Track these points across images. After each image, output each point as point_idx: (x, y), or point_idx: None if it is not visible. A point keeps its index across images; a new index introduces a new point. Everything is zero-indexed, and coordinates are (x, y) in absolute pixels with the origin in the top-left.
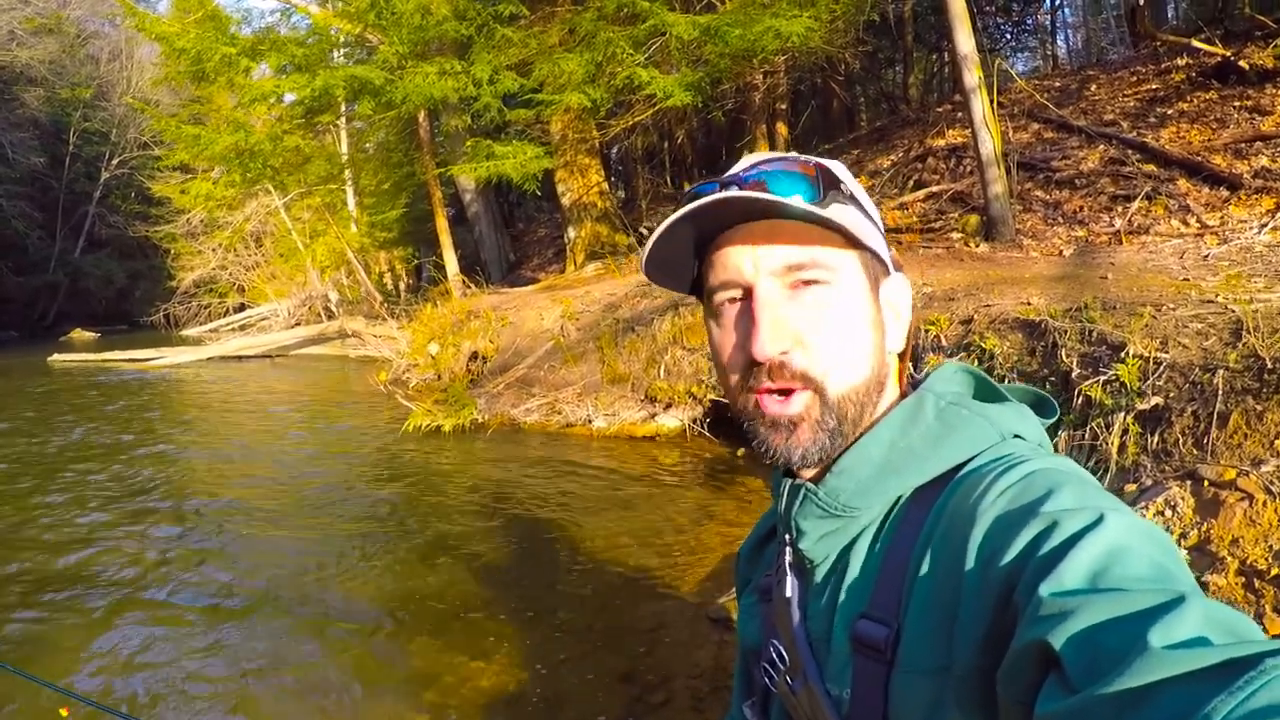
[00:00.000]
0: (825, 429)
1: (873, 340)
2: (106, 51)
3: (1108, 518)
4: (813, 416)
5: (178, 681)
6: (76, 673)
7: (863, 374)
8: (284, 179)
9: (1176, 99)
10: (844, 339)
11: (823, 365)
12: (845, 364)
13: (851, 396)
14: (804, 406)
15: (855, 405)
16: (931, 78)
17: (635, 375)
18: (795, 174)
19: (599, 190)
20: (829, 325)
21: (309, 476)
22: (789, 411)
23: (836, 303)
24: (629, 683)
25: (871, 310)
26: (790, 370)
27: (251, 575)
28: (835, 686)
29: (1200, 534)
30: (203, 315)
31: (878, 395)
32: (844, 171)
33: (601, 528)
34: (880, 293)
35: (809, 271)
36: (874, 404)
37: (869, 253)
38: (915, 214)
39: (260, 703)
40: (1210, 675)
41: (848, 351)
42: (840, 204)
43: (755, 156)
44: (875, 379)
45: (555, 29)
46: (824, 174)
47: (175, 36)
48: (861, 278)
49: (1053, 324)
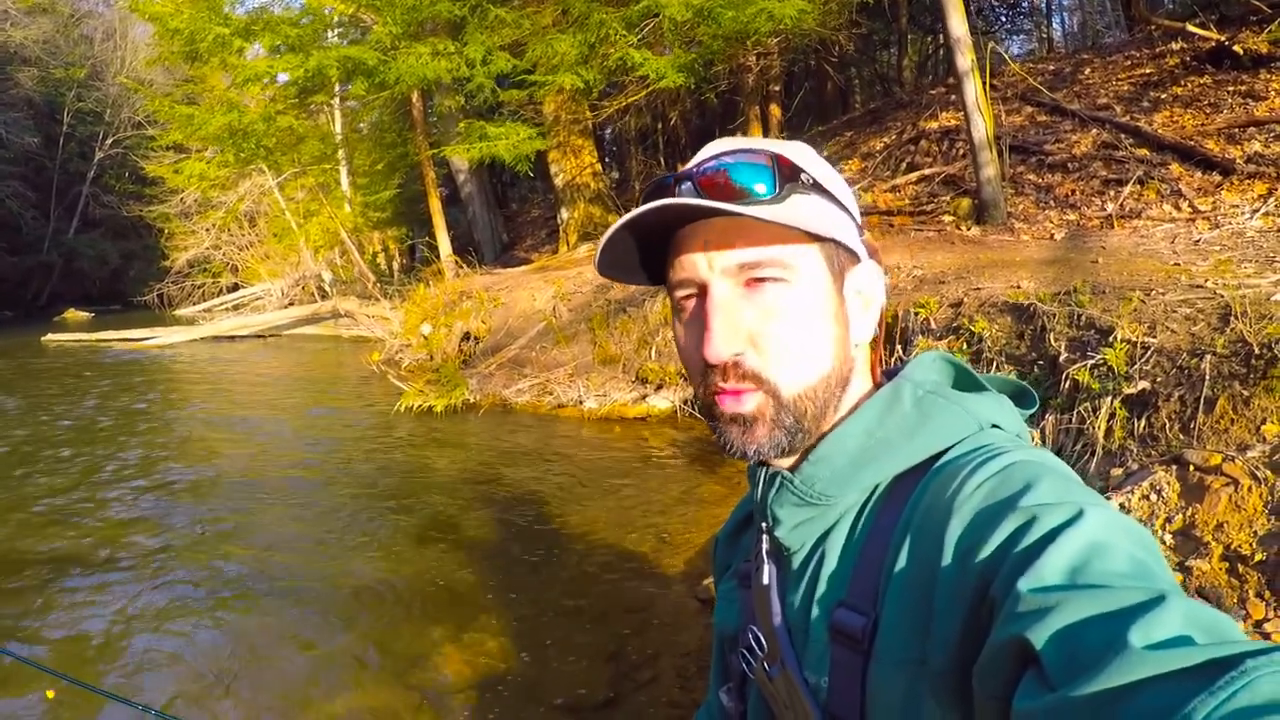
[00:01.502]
0: (782, 427)
1: (834, 335)
2: (100, 31)
3: (1087, 513)
4: (767, 415)
5: (163, 661)
6: (63, 653)
7: (820, 372)
8: (277, 159)
9: (1170, 83)
10: (801, 338)
11: (776, 366)
12: (801, 363)
13: (808, 395)
14: (756, 406)
15: (814, 403)
16: (926, 60)
17: (627, 356)
18: (752, 165)
19: (592, 171)
20: (785, 325)
21: (300, 456)
22: (743, 410)
23: (794, 300)
24: (615, 662)
25: (833, 304)
26: (743, 370)
27: (239, 556)
28: (813, 674)
29: (1185, 519)
30: (196, 295)
31: (841, 390)
32: (808, 157)
33: (591, 508)
34: (846, 283)
35: (765, 270)
36: (837, 399)
37: (833, 244)
38: (907, 196)
39: (246, 681)
40: (1191, 675)
41: (806, 350)
42: (801, 194)
43: (715, 146)
44: (837, 374)
45: (548, 10)
46: (783, 165)
47: (169, 16)
48: (823, 271)
49: (1042, 308)
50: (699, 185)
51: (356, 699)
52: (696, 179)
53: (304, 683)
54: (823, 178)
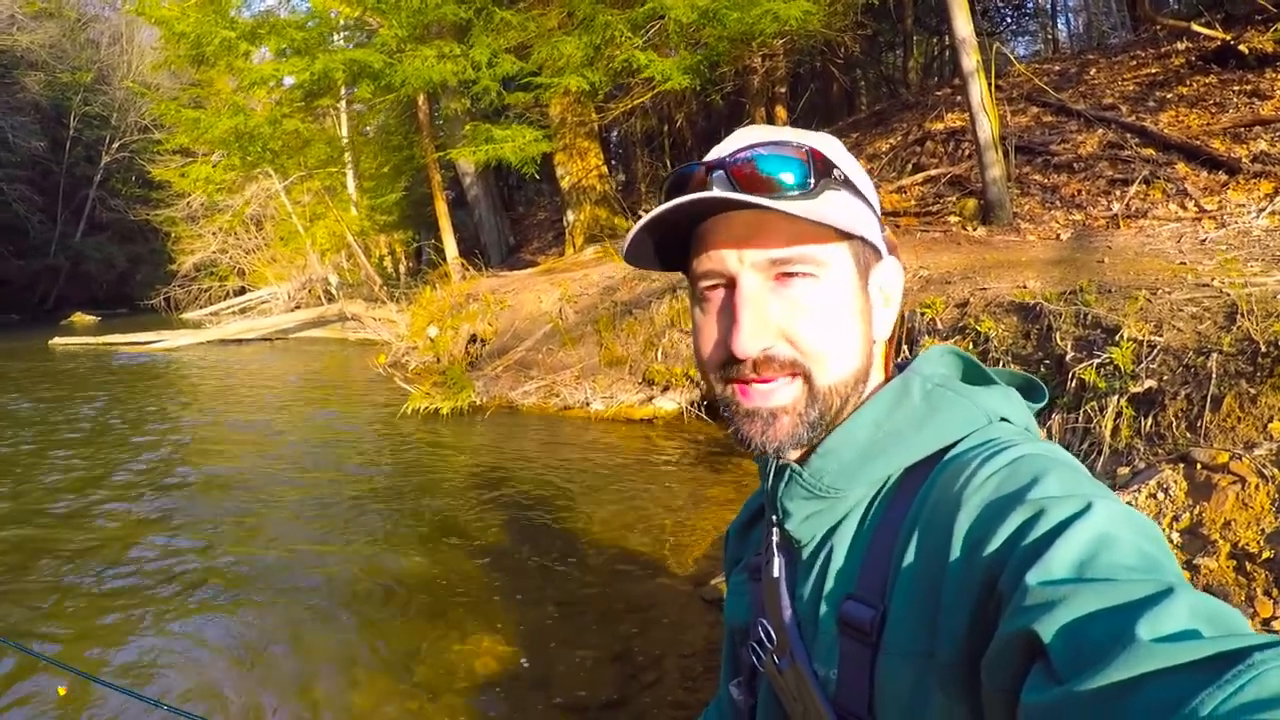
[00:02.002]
0: (806, 421)
1: (860, 331)
2: (107, 35)
3: (1095, 505)
4: (796, 409)
5: (174, 658)
6: (75, 649)
7: (851, 366)
8: (284, 162)
9: (1176, 83)
10: (831, 333)
11: (811, 357)
12: (833, 356)
13: (838, 388)
14: (790, 399)
15: (840, 397)
16: (931, 61)
17: (633, 358)
18: (787, 159)
19: (598, 173)
20: (816, 319)
21: (307, 458)
22: (770, 404)
23: (824, 296)
24: (621, 662)
25: (859, 301)
26: (778, 362)
27: (247, 555)
28: (822, 666)
29: (1192, 517)
30: (203, 299)
31: (863, 385)
32: (838, 151)
33: (597, 509)
34: (870, 280)
35: (796, 265)
36: (858, 394)
37: (860, 241)
38: (913, 197)
39: (253, 678)
40: (1198, 668)
41: (836, 344)
42: (833, 190)
43: (748, 134)
44: (862, 369)
45: (554, 12)
46: (817, 160)
47: (175, 20)
48: (851, 268)
49: (1048, 307)
50: (731, 175)
51: (363, 697)
52: (730, 169)
53: (311, 680)
54: (851, 173)
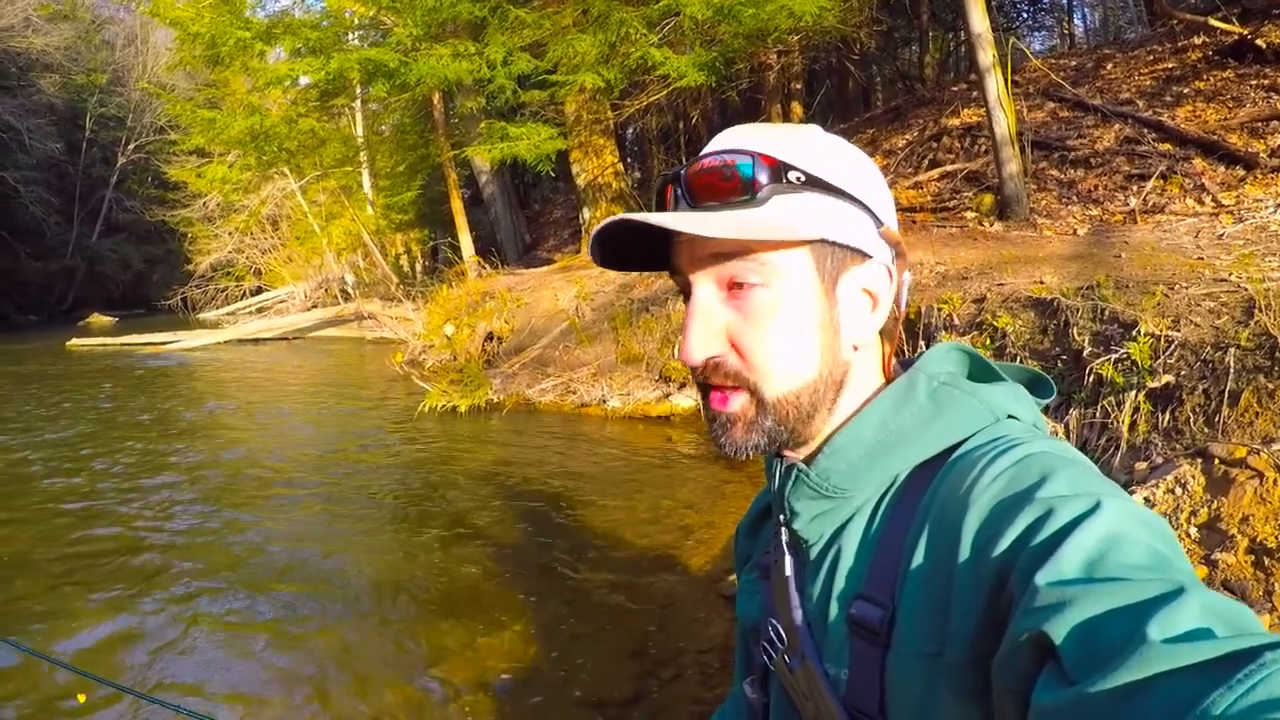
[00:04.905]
0: (760, 429)
1: (819, 340)
2: (121, 37)
3: (1104, 504)
4: (747, 418)
5: (192, 661)
6: (94, 655)
7: (803, 378)
8: (299, 162)
9: (1193, 78)
10: (780, 345)
11: (756, 370)
12: (780, 370)
13: (790, 399)
14: (739, 407)
15: (796, 408)
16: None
17: (650, 355)
18: (732, 167)
19: (614, 171)
20: (763, 331)
21: (325, 457)
22: (726, 410)
23: (773, 306)
24: (639, 659)
25: (820, 309)
26: (725, 371)
27: (264, 553)
28: (833, 666)
29: (1210, 512)
30: (220, 299)
31: (834, 392)
32: (810, 147)
33: (615, 506)
34: (842, 283)
35: (742, 275)
36: (829, 401)
37: (825, 244)
38: (930, 193)
39: (271, 678)
40: (1210, 669)
41: (784, 357)
42: (786, 194)
43: (719, 139)
44: (826, 380)
45: (568, 10)
46: (766, 166)
47: (190, 21)
48: (810, 275)
49: (1065, 302)
50: (686, 186)
51: (379, 695)
52: (685, 179)
53: (328, 679)
54: (825, 170)
